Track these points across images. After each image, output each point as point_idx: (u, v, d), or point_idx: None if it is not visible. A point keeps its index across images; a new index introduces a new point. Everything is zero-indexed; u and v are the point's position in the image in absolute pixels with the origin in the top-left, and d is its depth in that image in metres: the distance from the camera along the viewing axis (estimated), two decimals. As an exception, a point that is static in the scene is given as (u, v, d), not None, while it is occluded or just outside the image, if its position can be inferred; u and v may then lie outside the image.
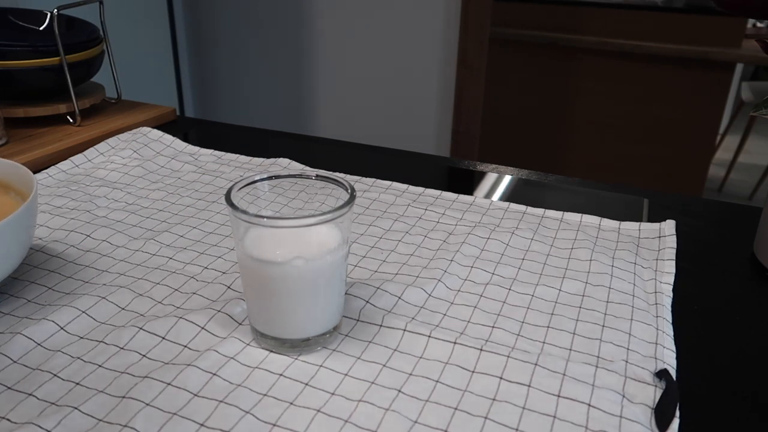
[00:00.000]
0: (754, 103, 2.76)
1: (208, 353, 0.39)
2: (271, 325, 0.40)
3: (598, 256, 0.52)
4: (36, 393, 0.36)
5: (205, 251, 0.53)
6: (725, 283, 0.52)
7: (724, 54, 2.03)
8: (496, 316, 0.45)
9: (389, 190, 0.66)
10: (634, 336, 0.43)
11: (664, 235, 0.57)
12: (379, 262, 0.52)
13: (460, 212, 0.61)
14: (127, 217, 0.58)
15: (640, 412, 0.36)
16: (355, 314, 0.44)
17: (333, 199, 0.41)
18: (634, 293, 0.48)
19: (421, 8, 1.76)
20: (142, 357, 0.39)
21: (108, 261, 0.51)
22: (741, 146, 2.79)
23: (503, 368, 0.38)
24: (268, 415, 0.35)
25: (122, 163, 0.70)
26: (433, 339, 0.41)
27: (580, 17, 2.21)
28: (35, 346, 0.40)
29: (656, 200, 0.67)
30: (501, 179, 0.72)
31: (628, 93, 2.19)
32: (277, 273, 0.38)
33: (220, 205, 0.62)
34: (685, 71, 2.08)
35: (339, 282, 0.41)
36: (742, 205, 0.67)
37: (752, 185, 2.82)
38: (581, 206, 0.63)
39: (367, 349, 0.40)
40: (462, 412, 0.35)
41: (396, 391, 0.37)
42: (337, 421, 0.34)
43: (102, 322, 0.43)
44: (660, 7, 2.20)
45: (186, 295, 0.46)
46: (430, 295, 0.47)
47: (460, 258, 0.52)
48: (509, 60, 2.29)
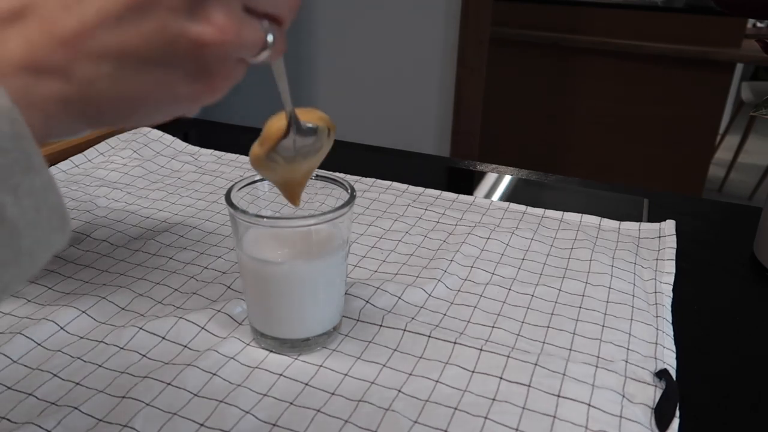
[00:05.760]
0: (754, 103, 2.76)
1: (208, 353, 0.39)
2: (271, 325, 0.40)
3: (598, 256, 0.52)
4: (36, 393, 0.36)
5: (205, 251, 0.53)
6: (725, 283, 0.52)
7: (724, 54, 2.03)
8: (496, 316, 0.45)
9: (389, 190, 0.66)
10: (634, 336, 0.43)
11: (664, 235, 0.57)
12: (379, 262, 0.52)
13: (460, 212, 0.61)
14: (127, 217, 0.58)
15: (640, 412, 0.36)
16: (355, 314, 0.44)
17: (333, 199, 0.41)
18: (634, 293, 0.48)
19: (421, 8, 1.76)
20: (142, 357, 0.39)
21: (108, 261, 0.50)
22: (741, 146, 2.78)
23: (503, 368, 0.38)
24: (268, 415, 0.35)
25: (122, 163, 0.70)
26: (433, 339, 0.41)
27: (580, 17, 2.21)
28: (35, 346, 0.40)
29: (656, 200, 0.67)
30: (501, 179, 0.72)
31: (628, 93, 2.19)
32: (277, 273, 0.38)
33: (220, 205, 0.62)
34: (685, 71, 2.08)
35: (339, 282, 0.41)
36: (742, 205, 0.67)
37: (752, 185, 2.82)
38: (581, 206, 0.63)
39: (367, 349, 0.40)
40: (462, 412, 0.35)
41: (396, 391, 0.37)
42: (337, 421, 0.34)
43: (102, 322, 0.43)
44: (660, 7, 2.20)
45: (186, 295, 0.46)
46: (430, 295, 0.47)
47: (460, 258, 0.52)
48: (509, 60, 2.29)
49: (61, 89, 0.21)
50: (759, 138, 3.33)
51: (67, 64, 0.21)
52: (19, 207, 0.20)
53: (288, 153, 0.35)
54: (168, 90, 0.23)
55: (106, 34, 0.21)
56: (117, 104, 0.22)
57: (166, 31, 0.22)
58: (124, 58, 0.21)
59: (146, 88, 0.22)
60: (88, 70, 0.21)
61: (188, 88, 0.23)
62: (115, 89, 0.22)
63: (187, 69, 0.23)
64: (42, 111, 0.21)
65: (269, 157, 0.35)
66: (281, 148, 0.34)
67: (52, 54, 0.21)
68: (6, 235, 0.19)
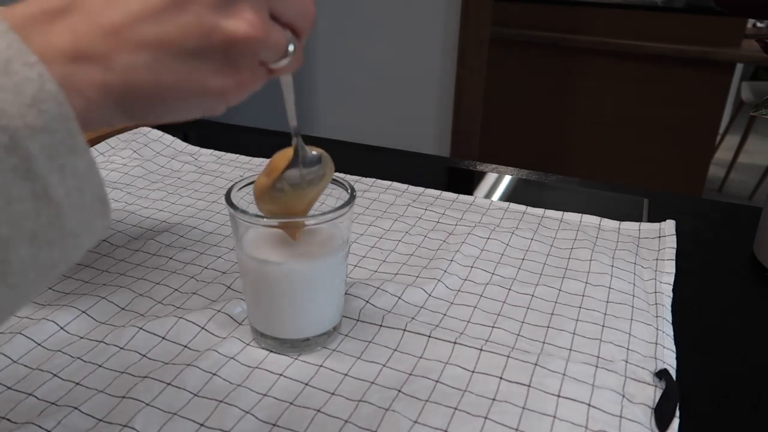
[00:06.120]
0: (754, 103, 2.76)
1: (208, 353, 0.39)
2: (271, 325, 0.40)
3: (598, 256, 0.52)
4: (36, 393, 0.36)
5: (205, 251, 0.53)
6: (725, 283, 0.52)
7: (724, 54, 2.03)
8: (496, 316, 0.45)
9: (389, 190, 0.66)
10: (634, 336, 0.43)
11: (664, 235, 0.57)
12: (379, 262, 0.52)
13: (460, 212, 0.61)
14: (127, 217, 0.58)
15: (640, 412, 0.36)
16: (355, 314, 0.44)
17: (333, 199, 0.41)
18: (634, 293, 0.48)
19: (421, 8, 1.76)
20: (142, 357, 0.39)
21: (108, 261, 0.50)
22: (741, 146, 2.78)
23: (503, 368, 0.38)
24: (268, 415, 0.35)
25: (122, 163, 0.70)
26: (433, 339, 0.41)
27: (580, 17, 2.21)
28: (35, 346, 0.40)
29: (656, 200, 0.67)
30: (501, 179, 0.72)
31: (628, 93, 2.19)
32: (277, 273, 0.38)
33: (220, 205, 0.62)
34: (685, 71, 2.08)
35: (339, 282, 0.41)
36: (742, 205, 0.67)
37: (752, 185, 2.82)
38: (581, 206, 0.63)
39: (367, 349, 0.40)
40: (462, 412, 0.35)
41: (396, 391, 0.37)
42: (337, 421, 0.34)
43: (102, 322, 0.43)
44: (660, 7, 2.20)
45: (186, 295, 0.46)
46: (430, 295, 0.47)
47: (460, 258, 0.52)
48: (509, 60, 2.29)
49: (102, 76, 0.22)
50: (759, 138, 3.33)
51: (109, 53, 0.22)
52: (64, 187, 0.21)
53: (295, 181, 0.36)
54: (199, 81, 0.25)
55: (147, 26, 0.23)
56: (152, 93, 0.24)
57: (202, 25, 0.24)
58: (162, 49, 0.23)
59: (180, 78, 0.24)
60: (128, 59, 0.23)
61: (217, 82, 0.25)
62: (152, 78, 0.23)
63: (218, 62, 0.25)
64: (84, 97, 0.22)
65: (276, 187, 0.36)
66: (288, 176, 0.36)
67: (96, 43, 0.22)
68: (53, 214, 0.21)
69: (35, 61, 0.20)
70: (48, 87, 0.20)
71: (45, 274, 0.22)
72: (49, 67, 0.21)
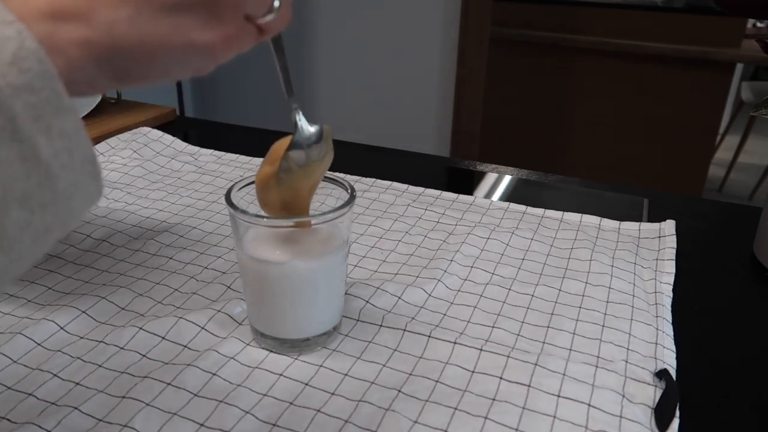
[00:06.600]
0: (754, 103, 2.76)
1: (208, 353, 0.39)
2: (271, 325, 0.40)
3: (598, 256, 0.52)
4: (36, 393, 0.36)
5: (205, 251, 0.53)
6: (725, 283, 0.52)
7: (724, 54, 2.03)
8: (496, 316, 0.45)
9: (389, 190, 0.66)
10: (634, 336, 0.43)
11: (664, 235, 0.57)
12: (379, 262, 0.52)
13: (460, 212, 0.61)
14: (127, 217, 0.58)
15: (640, 412, 0.36)
16: (355, 314, 0.44)
17: (333, 199, 0.41)
18: (634, 293, 0.48)
19: (421, 8, 1.76)
20: (142, 357, 0.39)
21: (108, 261, 0.50)
22: (741, 146, 2.79)
23: (503, 368, 0.38)
24: (268, 415, 0.35)
25: (122, 163, 0.70)
26: (433, 339, 0.41)
27: (580, 17, 2.21)
28: (35, 346, 0.40)
29: (656, 200, 0.67)
30: (501, 179, 0.72)
31: (628, 93, 2.19)
32: (277, 273, 0.38)
33: (220, 205, 0.62)
34: (685, 71, 2.08)
35: (339, 282, 0.41)
36: (742, 205, 0.67)
37: (752, 185, 2.82)
38: (581, 206, 0.63)
39: (367, 349, 0.40)
40: (462, 412, 0.35)
41: (396, 391, 0.37)
42: (337, 421, 0.34)
43: (102, 322, 0.43)
44: (660, 7, 2.20)
45: (186, 295, 0.46)
46: (430, 295, 0.47)
47: (460, 258, 0.52)
48: (509, 60, 2.29)
49: (83, 33, 0.22)
50: (759, 138, 3.33)
51: (88, 10, 0.22)
52: (53, 148, 0.21)
53: (300, 160, 0.36)
54: (184, 36, 0.24)
55: None
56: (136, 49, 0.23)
57: None
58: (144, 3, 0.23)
59: (163, 32, 0.23)
60: (109, 14, 0.22)
61: (202, 36, 0.25)
62: (133, 33, 0.23)
63: (202, 15, 0.24)
64: (66, 56, 0.22)
65: (283, 168, 0.36)
66: (293, 155, 0.36)
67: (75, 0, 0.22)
68: (42, 176, 0.20)
69: (13, 19, 0.20)
70: (28, 44, 0.20)
71: (40, 238, 0.21)
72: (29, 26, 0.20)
